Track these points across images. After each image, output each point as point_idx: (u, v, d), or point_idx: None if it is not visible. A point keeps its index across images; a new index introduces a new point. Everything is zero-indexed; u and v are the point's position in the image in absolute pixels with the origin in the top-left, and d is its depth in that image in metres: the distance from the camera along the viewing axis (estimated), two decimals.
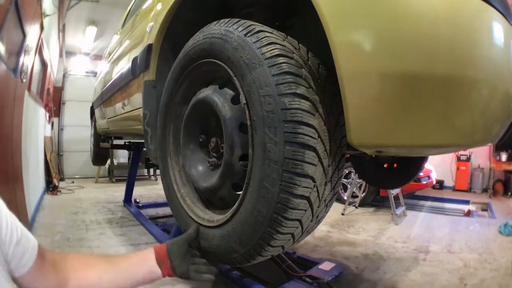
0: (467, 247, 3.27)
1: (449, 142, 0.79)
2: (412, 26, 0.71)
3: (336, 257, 2.87)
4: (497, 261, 2.85)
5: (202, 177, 1.16)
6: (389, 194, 4.29)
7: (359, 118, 0.76)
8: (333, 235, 3.63)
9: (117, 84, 2.41)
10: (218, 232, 1.02)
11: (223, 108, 1.02)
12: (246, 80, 0.90)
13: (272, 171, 0.83)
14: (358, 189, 5.19)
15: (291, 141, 0.81)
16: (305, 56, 0.91)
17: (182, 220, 1.20)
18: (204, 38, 1.06)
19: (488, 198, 6.76)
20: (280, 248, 0.96)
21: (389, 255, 2.97)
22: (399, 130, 0.75)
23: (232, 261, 1.02)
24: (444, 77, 0.72)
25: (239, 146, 0.99)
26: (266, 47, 0.86)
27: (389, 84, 0.72)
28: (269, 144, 0.84)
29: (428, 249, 3.17)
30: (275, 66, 0.84)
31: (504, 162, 6.77)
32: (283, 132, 0.81)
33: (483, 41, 0.76)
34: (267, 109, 0.84)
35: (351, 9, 0.76)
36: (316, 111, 0.84)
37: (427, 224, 4.24)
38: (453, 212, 5.75)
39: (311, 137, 0.82)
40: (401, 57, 0.71)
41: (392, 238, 3.55)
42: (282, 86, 0.82)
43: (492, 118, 0.83)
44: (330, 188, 0.94)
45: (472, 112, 0.78)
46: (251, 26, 0.93)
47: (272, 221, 0.86)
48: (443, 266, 2.74)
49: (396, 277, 2.47)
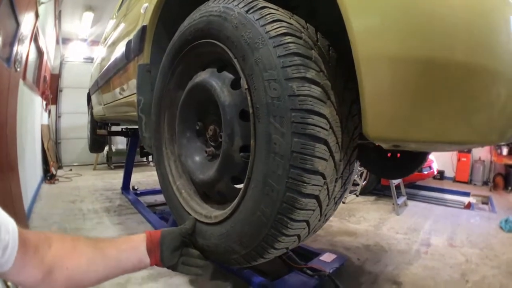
0: (468, 242, 3.22)
1: (469, 139, 0.71)
2: (438, 8, 0.62)
3: (337, 247, 2.81)
4: (498, 258, 2.81)
5: (199, 168, 1.07)
6: (390, 184, 4.22)
7: (377, 108, 0.66)
8: (334, 224, 3.58)
9: (112, 69, 2.33)
10: (217, 230, 0.94)
11: (221, 94, 0.92)
12: (248, 62, 0.80)
13: (278, 166, 0.74)
14: (359, 177, 5.13)
15: (299, 132, 0.71)
16: (314, 36, 0.81)
17: (178, 214, 1.13)
18: (200, 16, 0.96)
19: (488, 191, 6.71)
20: (284, 249, 0.88)
21: (391, 247, 2.91)
22: (421, 124, 0.66)
23: (231, 262, 0.94)
24: (467, 65, 0.64)
25: (239, 135, 0.90)
26: (270, 25, 0.76)
27: (412, 71, 0.64)
28: (274, 135, 0.74)
29: (430, 242, 3.12)
30: (281, 46, 0.73)
31: (505, 156, 6.69)
32: (291, 122, 0.72)
33: (504, 30, 0.68)
34: (272, 95, 0.74)
35: None
36: (328, 99, 0.74)
37: (428, 215, 4.18)
38: (453, 203, 5.74)
39: (323, 128, 0.73)
40: (427, 41, 0.63)
41: (393, 229, 3.50)
42: (290, 69, 0.72)
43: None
44: (341, 185, 0.86)
45: (492, 107, 0.69)
46: (254, 1, 0.83)
47: (277, 222, 0.77)
48: (444, 260, 2.69)
49: (397, 270, 2.42)
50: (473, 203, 5.85)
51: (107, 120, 3.69)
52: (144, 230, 2.89)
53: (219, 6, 0.90)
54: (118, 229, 3.11)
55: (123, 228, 3.14)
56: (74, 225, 3.18)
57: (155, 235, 0.94)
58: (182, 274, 2.04)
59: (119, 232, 3.02)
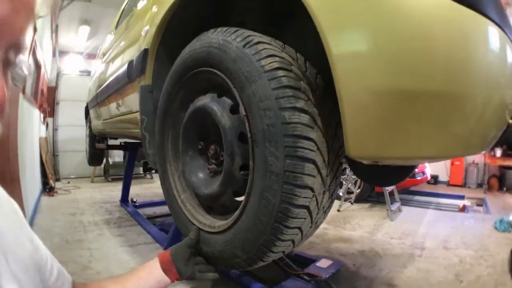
0: (462, 243, 3.30)
1: (443, 153, 0.82)
2: (409, 43, 0.72)
3: (333, 254, 2.89)
4: (493, 258, 2.88)
5: (202, 183, 1.17)
6: (384, 191, 4.33)
7: (357, 132, 0.77)
8: (330, 231, 3.66)
9: (112, 86, 2.41)
10: (221, 238, 1.04)
11: (222, 118, 1.03)
12: (245, 92, 0.91)
13: (273, 182, 0.85)
14: (353, 185, 5.23)
15: (291, 155, 0.83)
16: (303, 67, 0.92)
17: (182, 224, 1.22)
18: (201, 46, 1.06)
19: (483, 193, 6.82)
20: (281, 253, 0.98)
21: (385, 252, 3.00)
22: (395, 144, 0.77)
23: (234, 265, 1.04)
24: (440, 93, 0.74)
25: (239, 155, 1.01)
26: (265, 60, 0.87)
27: (385, 99, 0.74)
28: (270, 158, 0.86)
29: (424, 245, 3.20)
30: (274, 79, 0.84)
31: (498, 157, 6.83)
32: (284, 146, 0.83)
33: (478, 57, 0.77)
34: (267, 122, 0.85)
35: (350, 24, 0.76)
36: (315, 124, 0.86)
37: (422, 219, 4.28)
38: (448, 207, 5.80)
39: (310, 150, 0.84)
40: (399, 73, 0.73)
41: (388, 234, 3.59)
42: (282, 100, 0.83)
43: (485, 130, 0.86)
44: (328, 196, 0.97)
45: (465, 126, 0.80)
46: (250, 37, 0.93)
47: (274, 230, 0.88)
48: (438, 262, 2.77)
49: (392, 274, 2.50)
50: (468, 205, 5.93)
51: (106, 135, 3.76)
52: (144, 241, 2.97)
53: (218, 39, 1.00)
54: (119, 240, 3.17)
55: (124, 239, 3.20)
56: (76, 237, 3.24)
57: (165, 255, 1.03)
58: (183, 282, 2.13)
59: (120, 243, 3.08)
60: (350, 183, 5.17)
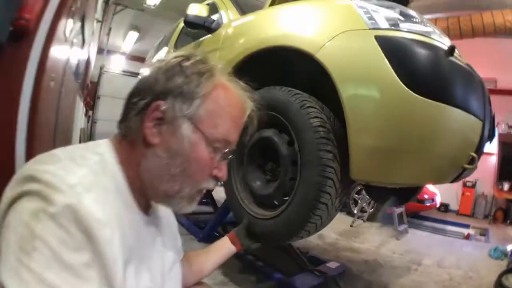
0: (455, 265, 3.64)
1: (414, 181, 1.42)
2: (395, 121, 1.30)
3: (341, 259, 3.33)
4: (481, 279, 3.21)
5: (260, 188, 1.74)
6: (392, 212, 4.75)
7: (357, 164, 1.36)
8: (341, 242, 4.12)
9: None
10: (270, 222, 1.60)
11: (282, 148, 1.60)
12: (299, 136, 1.49)
13: (309, 189, 1.43)
14: (367, 204, 5.62)
15: (321, 175, 1.41)
16: (333, 122, 1.50)
17: (239, 214, 1.79)
18: (270, 98, 1.62)
19: (488, 224, 7.09)
20: (308, 232, 1.54)
21: (386, 263, 3.44)
22: (381, 173, 1.36)
23: (276, 240, 1.60)
24: (410, 150, 1.31)
25: (290, 172, 1.58)
26: (313, 119, 1.46)
27: (377, 151, 1.31)
28: (309, 175, 1.44)
29: (421, 262, 3.60)
30: (317, 132, 1.43)
31: (506, 191, 7.14)
32: (317, 170, 1.41)
33: (437, 129, 1.31)
34: (309, 157, 1.44)
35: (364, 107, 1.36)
36: (335, 158, 1.44)
37: (425, 242, 4.67)
38: (453, 234, 6.08)
39: (331, 173, 1.42)
40: (387, 138, 1.30)
41: (392, 250, 4.02)
42: (320, 145, 1.42)
43: (445, 171, 1.41)
44: (339, 200, 1.54)
45: (430, 167, 1.35)
46: (304, 101, 1.52)
47: (306, 216, 1.45)
48: (431, 277, 3.16)
49: (388, 280, 2.95)
50: (472, 234, 6.23)
51: None
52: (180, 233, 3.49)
53: (284, 96, 1.58)
54: None
55: None
56: None
57: (232, 234, 1.37)
58: (219, 270, 2.61)
59: None
60: (365, 202, 5.59)
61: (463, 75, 1.39)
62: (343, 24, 1.46)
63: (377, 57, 1.31)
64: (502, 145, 7.84)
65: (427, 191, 6.05)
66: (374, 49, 1.32)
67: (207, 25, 2.36)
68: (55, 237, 0.53)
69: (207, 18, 2.37)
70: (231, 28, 2.22)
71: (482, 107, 1.45)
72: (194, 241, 3.32)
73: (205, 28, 2.38)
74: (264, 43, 1.73)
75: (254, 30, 1.93)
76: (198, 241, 3.29)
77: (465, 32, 5.71)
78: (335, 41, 1.43)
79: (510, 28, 5.46)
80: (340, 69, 1.39)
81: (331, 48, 1.43)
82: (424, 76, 1.29)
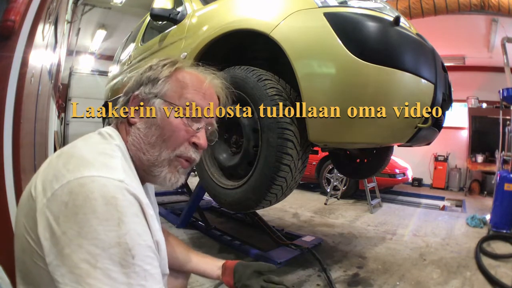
0: (431, 233, 3.76)
1: (370, 141, 1.46)
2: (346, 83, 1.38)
3: (317, 234, 3.41)
4: (459, 246, 3.28)
5: (227, 160, 1.81)
6: (365, 187, 4.90)
7: (313, 127, 1.44)
8: (316, 219, 4.25)
9: None
10: (239, 190, 1.68)
11: (243, 119, 1.68)
12: (257, 106, 1.57)
13: (271, 151, 1.50)
14: (340, 183, 5.75)
15: (281, 137, 1.48)
16: (289, 92, 1.58)
17: (211, 187, 1.85)
18: (231, 77, 1.68)
19: (463, 196, 7.27)
20: (275, 195, 1.60)
21: (361, 235, 3.58)
22: (337, 134, 1.43)
23: (248, 206, 1.67)
24: (363, 113, 1.38)
25: (252, 140, 1.66)
26: (269, 90, 1.54)
27: (330, 115, 1.38)
28: (270, 139, 1.50)
29: (396, 232, 3.75)
30: (273, 100, 1.52)
31: (480, 163, 7.42)
32: (277, 133, 1.48)
33: (389, 88, 1.40)
34: (269, 121, 1.51)
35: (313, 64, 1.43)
36: (293, 122, 1.51)
37: (400, 214, 4.80)
38: (429, 207, 6.16)
39: (290, 135, 1.49)
40: (339, 102, 1.38)
41: (366, 223, 4.16)
42: (277, 110, 1.49)
43: (397, 130, 1.49)
44: (301, 162, 1.60)
45: (383, 126, 1.42)
46: (261, 75, 1.60)
47: (271, 178, 1.52)
48: (406, 245, 3.28)
49: (364, 250, 3.07)
50: (447, 206, 6.38)
51: None
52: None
53: (242, 73, 1.65)
54: None
55: None
56: None
57: (232, 262, 1.14)
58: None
59: None
60: (337, 180, 5.72)
61: (410, 42, 1.49)
62: (295, 4, 1.58)
63: (326, 31, 1.43)
64: (473, 119, 8.10)
65: (397, 165, 6.19)
66: (323, 25, 1.44)
67: (173, 17, 2.42)
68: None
69: (172, 10, 2.43)
70: (195, 17, 2.28)
71: (434, 72, 1.56)
72: (173, 227, 3.40)
73: (170, 20, 2.43)
74: (224, 29, 1.81)
75: (215, 17, 2.00)
76: (177, 227, 3.38)
77: (427, 10, 5.84)
78: (287, 21, 1.54)
79: (475, 4, 5.59)
80: (292, 44, 1.50)
81: (284, 27, 1.54)
82: (371, 45, 1.41)
